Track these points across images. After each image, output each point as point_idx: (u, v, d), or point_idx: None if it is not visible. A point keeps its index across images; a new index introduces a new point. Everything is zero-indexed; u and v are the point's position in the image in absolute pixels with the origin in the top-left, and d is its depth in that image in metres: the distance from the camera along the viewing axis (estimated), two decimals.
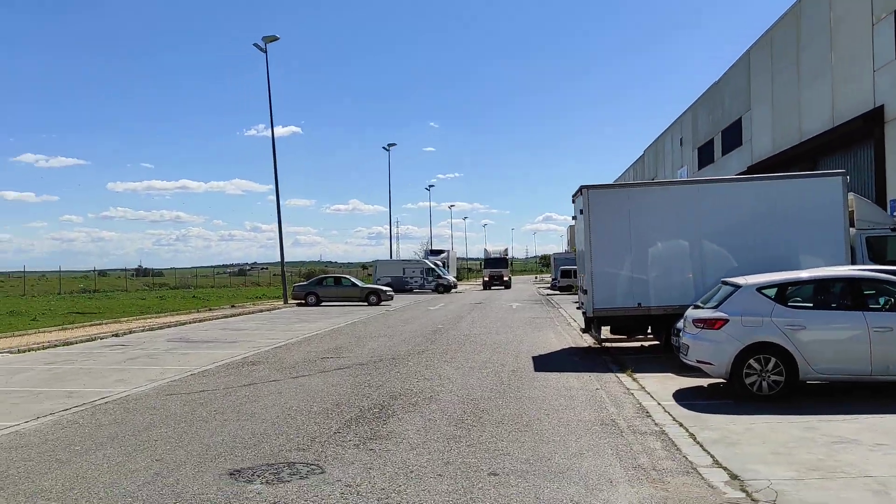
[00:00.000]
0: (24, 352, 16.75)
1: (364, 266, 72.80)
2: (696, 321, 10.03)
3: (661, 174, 50.67)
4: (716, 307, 9.95)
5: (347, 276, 40.95)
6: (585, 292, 15.20)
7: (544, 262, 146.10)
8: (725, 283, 10.45)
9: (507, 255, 68.34)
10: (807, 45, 25.83)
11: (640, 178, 59.48)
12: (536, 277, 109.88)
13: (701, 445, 7.32)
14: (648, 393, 10.29)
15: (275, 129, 39.25)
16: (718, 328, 9.65)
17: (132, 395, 10.91)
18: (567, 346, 16.64)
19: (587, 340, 17.25)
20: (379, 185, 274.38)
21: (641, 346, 16.00)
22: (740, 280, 10.19)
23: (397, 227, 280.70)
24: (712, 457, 6.88)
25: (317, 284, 37.84)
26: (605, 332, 15.59)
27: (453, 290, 56.34)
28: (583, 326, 16.15)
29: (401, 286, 54.14)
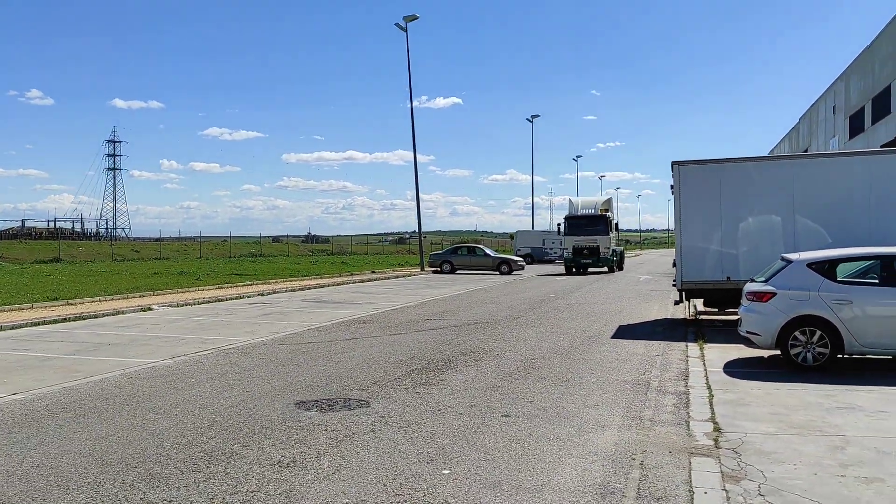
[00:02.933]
0: (182, 306, 19.57)
1: (511, 236, 74.02)
2: (748, 294, 10.50)
3: (814, 145, 47.90)
4: (765, 281, 10.37)
5: (481, 246, 42.50)
6: (675, 266, 15.68)
7: None
8: (782, 259, 10.78)
9: (607, 211, 39.37)
10: None
11: (795, 150, 56.35)
12: None
13: (711, 405, 8.02)
14: (704, 361, 10.88)
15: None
16: (766, 301, 10.10)
17: (252, 344, 12.90)
18: (662, 318, 17.14)
19: (686, 313, 17.64)
20: (538, 154, 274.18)
21: (734, 319, 16.22)
22: (794, 255, 10.51)
23: (551, 197, 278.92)
24: (713, 414, 7.61)
25: (452, 253, 39.70)
26: (700, 305, 16.00)
27: None
28: (677, 299, 16.60)
29: (540, 256, 55.15)
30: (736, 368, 10.18)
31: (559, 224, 39.64)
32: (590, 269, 39.26)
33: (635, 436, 6.88)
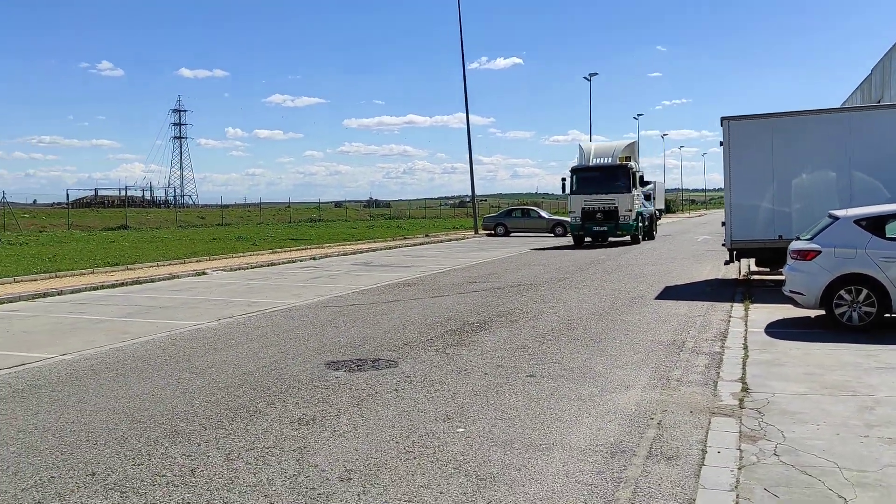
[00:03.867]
0: (235, 270, 20.07)
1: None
2: (792, 252, 10.16)
3: (887, 96, 45.46)
4: (810, 239, 10.01)
5: (535, 209, 42.20)
6: (724, 225, 15.26)
7: None
8: (829, 215, 10.37)
9: (628, 160, 29.77)
10: None
11: (867, 102, 53.68)
12: None
13: (744, 365, 7.84)
14: (747, 321, 10.61)
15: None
16: (811, 259, 9.76)
17: (296, 306, 13.16)
18: (712, 278, 16.78)
19: (738, 274, 17.21)
20: (598, 114, 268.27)
21: None
22: (840, 212, 10.10)
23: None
24: (743, 374, 7.44)
25: (505, 216, 39.53)
26: (753, 265, 15.58)
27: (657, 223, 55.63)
28: (727, 259, 16.19)
29: None
30: (778, 329, 9.91)
31: (563, 179, 29.50)
32: (609, 239, 29.63)
33: (658, 396, 6.79)
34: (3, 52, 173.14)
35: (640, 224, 30.34)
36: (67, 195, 67.77)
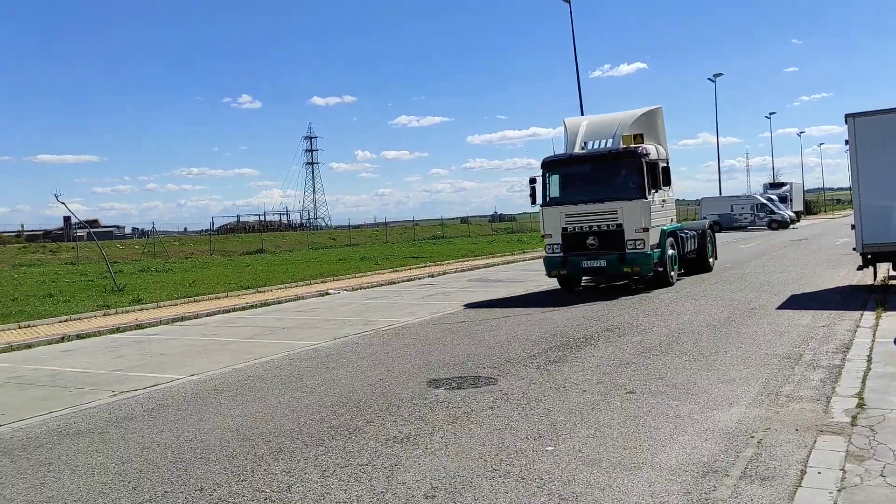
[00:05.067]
0: (356, 290, 20.81)
1: (699, 203, 70.74)
2: None
3: None
4: None
5: None
6: (853, 228, 14.33)
7: None
8: None
9: (640, 140, 17.32)
10: None
11: None
12: None
13: (864, 379, 7.36)
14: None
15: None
16: None
17: (409, 324, 13.51)
18: (846, 285, 15.75)
19: (873, 279, 16.07)
20: (728, 116, 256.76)
21: None
22: None
23: (747, 158, 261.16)
24: (861, 389, 6.99)
25: None
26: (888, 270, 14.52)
27: (791, 226, 52.86)
28: (860, 264, 15.14)
29: (729, 223, 52.34)
30: None
31: (531, 182, 17.48)
32: (614, 280, 17.81)
33: (763, 413, 6.51)
34: (155, 94, 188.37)
35: (672, 251, 17.31)
36: (212, 222, 72.69)
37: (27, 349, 12.82)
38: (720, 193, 65.39)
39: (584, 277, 17.67)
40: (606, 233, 16.32)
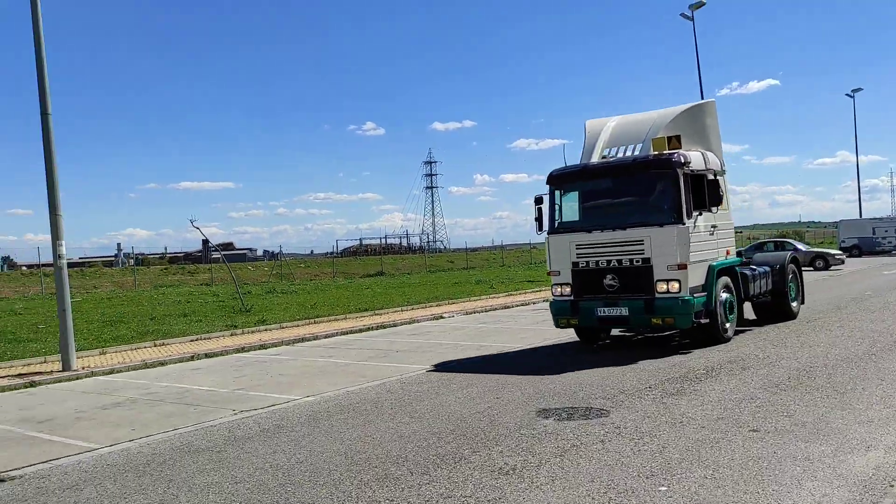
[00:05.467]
0: (470, 314, 20.84)
1: (836, 226, 66.56)
2: None
3: None
4: None
5: (790, 241, 38.98)
6: None
7: None
8: None
9: (677, 145, 12.27)
10: None
11: None
12: None
13: None
14: None
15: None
16: None
17: (521, 350, 13.35)
18: None
19: None
20: (869, 132, 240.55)
21: None
22: None
23: (891, 178, 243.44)
24: None
25: (755, 249, 36.72)
26: None
27: None
28: None
29: (870, 248, 49.01)
30: None
31: (537, 202, 13.71)
32: (641, 332, 14.67)
33: None
34: (286, 123, 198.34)
35: (726, 295, 12.99)
36: (336, 245, 75.33)
37: (161, 366, 13.61)
38: (860, 215, 61.29)
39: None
40: (629, 270, 12.26)
